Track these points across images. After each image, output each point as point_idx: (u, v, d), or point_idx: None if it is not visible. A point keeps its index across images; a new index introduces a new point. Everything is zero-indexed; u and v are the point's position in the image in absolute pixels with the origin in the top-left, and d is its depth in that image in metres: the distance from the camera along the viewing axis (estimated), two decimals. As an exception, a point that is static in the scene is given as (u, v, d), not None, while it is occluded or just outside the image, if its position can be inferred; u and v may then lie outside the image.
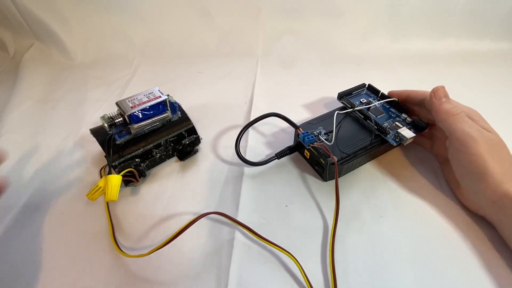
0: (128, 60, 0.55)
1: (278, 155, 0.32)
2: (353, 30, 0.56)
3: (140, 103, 0.29)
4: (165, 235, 0.27)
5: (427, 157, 0.34)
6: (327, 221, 0.28)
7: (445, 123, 0.27)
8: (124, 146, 0.30)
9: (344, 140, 0.31)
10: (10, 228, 0.29)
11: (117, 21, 0.57)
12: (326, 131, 0.31)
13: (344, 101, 0.36)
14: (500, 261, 0.25)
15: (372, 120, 0.32)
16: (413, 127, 0.31)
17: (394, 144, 0.30)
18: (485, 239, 0.26)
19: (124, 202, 0.30)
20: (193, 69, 0.52)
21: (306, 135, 0.30)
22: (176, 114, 0.33)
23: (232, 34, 0.57)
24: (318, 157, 0.30)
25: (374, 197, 0.30)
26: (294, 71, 0.51)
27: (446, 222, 0.28)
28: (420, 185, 0.31)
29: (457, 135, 0.26)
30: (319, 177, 0.32)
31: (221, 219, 0.28)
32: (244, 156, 0.31)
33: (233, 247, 0.26)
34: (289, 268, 0.25)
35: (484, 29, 0.54)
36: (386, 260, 0.25)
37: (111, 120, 0.29)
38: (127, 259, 0.26)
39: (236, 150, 0.31)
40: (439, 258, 0.25)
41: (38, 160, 0.35)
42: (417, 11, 0.54)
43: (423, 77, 0.48)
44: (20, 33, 0.58)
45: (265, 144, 0.36)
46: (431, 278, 0.24)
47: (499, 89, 0.45)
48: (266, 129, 0.38)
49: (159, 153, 0.32)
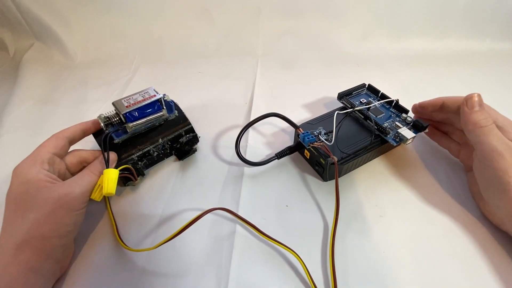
0: (128, 60, 0.55)
1: (278, 155, 0.32)
2: (353, 30, 0.56)
3: (135, 103, 0.29)
4: (165, 234, 0.27)
5: (427, 157, 0.34)
6: (327, 221, 0.28)
7: (471, 134, 0.26)
8: (122, 145, 0.30)
9: (344, 140, 0.31)
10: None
11: (117, 21, 0.57)
12: (326, 131, 0.31)
13: (344, 101, 0.36)
14: (503, 258, 0.25)
15: (372, 120, 0.32)
16: (413, 127, 0.31)
17: (394, 144, 0.30)
18: (486, 239, 0.26)
19: (123, 201, 0.30)
20: (193, 69, 0.52)
21: (306, 135, 0.30)
22: (172, 113, 0.33)
23: (232, 34, 0.57)
24: (318, 157, 0.30)
25: (374, 197, 0.30)
26: (294, 71, 0.51)
27: (446, 222, 0.28)
28: (421, 185, 0.31)
29: (483, 148, 0.24)
30: (319, 177, 0.32)
31: (221, 218, 0.28)
32: (244, 156, 0.31)
33: (233, 247, 0.26)
34: (289, 266, 0.25)
35: (484, 29, 0.54)
36: (386, 260, 0.25)
37: (107, 119, 0.29)
38: (129, 258, 0.26)
39: (236, 150, 0.31)
40: (439, 258, 0.25)
41: (38, 160, 0.35)
42: (417, 11, 0.54)
43: (423, 77, 0.48)
44: (20, 33, 0.58)
45: (265, 144, 0.36)
46: (431, 278, 0.24)
47: (499, 89, 0.45)
48: (266, 129, 0.38)
49: (157, 152, 0.32)
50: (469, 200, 0.29)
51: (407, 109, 0.33)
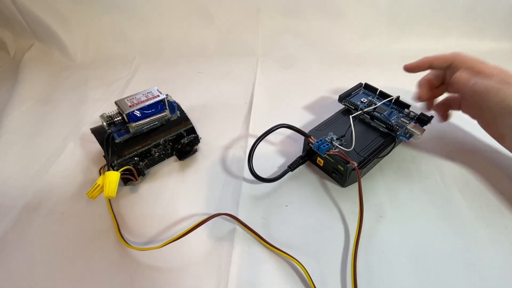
0: (128, 60, 0.56)
1: (291, 167, 0.31)
2: (353, 30, 0.56)
3: (138, 102, 0.29)
4: (165, 234, 0.27)
5: (427, 157, 0.34)
6: (327, 221, 0.28)
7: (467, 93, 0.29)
8: (123, 145, 0.30)
9: (357, 143, 0.29)
10: (10, 229, 0.29)
11: (117, 21, 0.57)
12: (338, 136, 0.30)
13: (346, 103, 0.35)
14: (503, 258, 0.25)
15: (380, 120, 0.32)
16: (418, 121, 0.32)
17: (406, 141, 0.31)
18: (486, 239, 0.26)
19: (124, 201, 0.30)
20: (193, 69, 0.52)
21: (321, 143, 0.29)
22: (175, 113, 0.33)
23: (232, 34, 0.57)
24: (336, 164, 0.29)
25: (374, 197, 0.30)
26: (294, 71, 0.51)
27: (446, 222, 0.28)
28: (421, 185, 0.31)
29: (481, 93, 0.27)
30: (318, 177, 0.32)
31: (221, 219, 0.28)
32: (255, 171, 0.29)
33: (233, 247, 0.26)
34: (289, 266, 0.25)
35: (484, 29, 0.54)
36: (386, 260, 0.25)
37: (110, 119, 0.29)
38: (130, 257, 0.26)
39: (249, 166, 0.29)
40: (439, 258, 0.25)
41: (38, 160, 0.35)
42: (417, 11, 0.54)
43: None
44: (20, 33, 0.58)
45: (271, 153, 0.35)
46: (431, 278, 0.24)
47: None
48: (269, 137, 0.38)
49: (158, 152, 0.32)
50: (470, 199, 0.29)
51: (408, 104, 0.33)
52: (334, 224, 0.28)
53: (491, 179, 0.31)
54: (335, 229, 0.27)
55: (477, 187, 0.30)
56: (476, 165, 0.32)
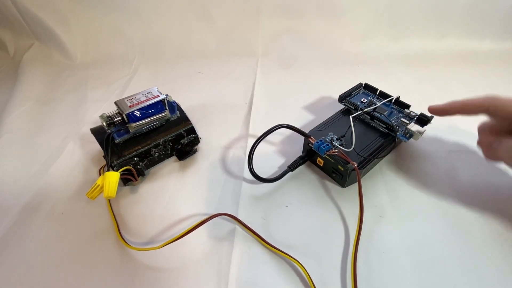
0: (128, 60, 0.56)
1: (291, 167, 0.31)
2: (353, 30, 0.56)
3: (138, 102, 0.29)
4: (165, 234, 0.27)
5: (427, 157, 0.34)
6: (327, 221, 0.28)
7: None
8: (123, 145, 0.30)
9: (357, 143, 0.30)
10: (10, 229, 0.29)
11: (117, 21, 0.57)
12: (338, 136, 0.30)
13: (346, 103, 0.35)
14: (503, 258, 0.25)
15: (380, 120, 0.32)
16: (419, 121, 0.32)
17: (406, 141, 0.31)
18: (486, 239, 0.26)
19: (124, 201, 0.30)
20: (193, 69, 0.52)
21: (321, 143, 0.29)
22: (175, 113, 0.33)
23: (232, 34, 0.57)
24: (336, 164, 0.29)
25: (374, 197, 0.30)
26: (294, 71, 0.51)
27: (446, 222, 0.28)
28: (421, 185, 0.31)
29: None
30: (318, 177, 0.32)
31: (221, 219, 0.28)
32: (255, 171, 0.29)
33: (233, 247, 0.26)
34: (289, 266, 0.25)
35: (484, 29, 0.54)
36: (386, 260, 0.25)
37: (109, 119, 0.29)
38: (130, 257, 0.26)
39: (249, 167, 0.29)
40: (439, 258, 0.25)
41: (38, 160, 0.35)
42: (417, 11, 0.54)
43: (423, 77, 0.48)
44: (20, 33, 0.58)
45: (270, 152, 0.35)
46: (431, 278, 0.24)
47: (500, 89, 0.45)
48: (268, 136, 0.38)
49: (158, 153, 0.32)
50: (470, 200, 0.29)
51: (408, 104, 0.33)
52: (334, 224, 0.28)
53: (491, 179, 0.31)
54: (335, 229, 0.27)
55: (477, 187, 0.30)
56: (476, 165, 0.32)
